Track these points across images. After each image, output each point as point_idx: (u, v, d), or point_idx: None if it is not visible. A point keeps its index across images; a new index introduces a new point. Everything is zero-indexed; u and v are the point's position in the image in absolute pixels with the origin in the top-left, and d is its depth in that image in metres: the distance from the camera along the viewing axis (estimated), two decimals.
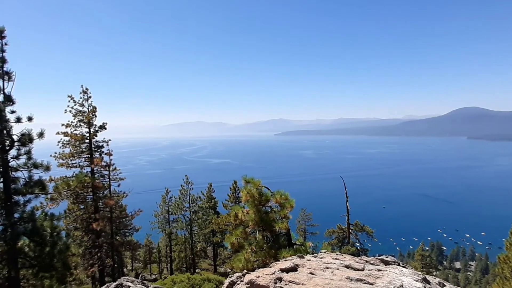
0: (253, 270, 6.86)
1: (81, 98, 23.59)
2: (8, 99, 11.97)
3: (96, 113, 23.81)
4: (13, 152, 12.64)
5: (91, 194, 24.08)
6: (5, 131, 12.16)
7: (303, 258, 6.66)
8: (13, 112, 12.19)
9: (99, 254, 24.19)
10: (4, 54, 11.92)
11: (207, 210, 38.94)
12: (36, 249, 13.39)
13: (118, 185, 25.14)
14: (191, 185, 38.91)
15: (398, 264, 6.75)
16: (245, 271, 6.55)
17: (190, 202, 38.90)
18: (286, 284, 5.51)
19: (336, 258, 6.78)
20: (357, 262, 6.39)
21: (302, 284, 5.41)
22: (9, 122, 12.18)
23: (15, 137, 12.44)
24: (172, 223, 41.35)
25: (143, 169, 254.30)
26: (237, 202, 34.35)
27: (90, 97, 23.77)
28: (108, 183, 24.70)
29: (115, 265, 26.23)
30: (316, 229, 43.65)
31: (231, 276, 6.35)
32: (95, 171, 24.04)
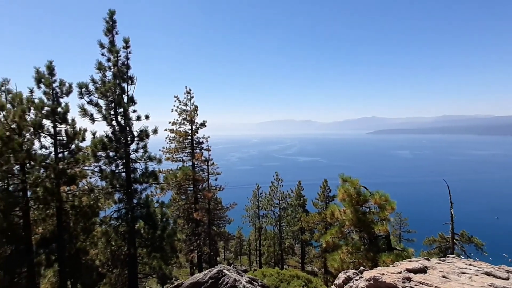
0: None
1: (185, 98, 25.96)
2: (131, 100, 13.95)
3: (198, 112, 25.93)
4: (133, 146, 14.65)
5: (192, 186, 26.33)
6: (127, 128, 14.15)
7: (429, 260, 6.28)
8: (134, 111, 14.16)
9: (197, 242, 26.34)
10: (128, 61, 13.88)
11: (296, 208, 39.13)
12: (149, 232, 15.29)
13: (216, 179, 26.97)
14: (280, 182, 39.54)
15: None
16: (361, 267, 6.46)
17: (280, 199, 39.58)
18: (416, 285, 5.28)
19: (470, 264, 6.23)
20: (498, 270, 5.77)
21: (436, 287, 5.12)
22: (131, 120, 14.16)
23: (135, 133, 14.41)
24: (262, 218, 42.60)
25: (234, 165, 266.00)
26: (327, 201, 33.80)
27: (192, 97, 25.98)
28: (207, 177, 26.65)
29: (211, 253, 28.22)
30: (413, 236, 40.42)
31: (347, 272, 6.33)
32: (195, 165, 26.20)
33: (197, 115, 26.01)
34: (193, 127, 26.11)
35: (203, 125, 26.27)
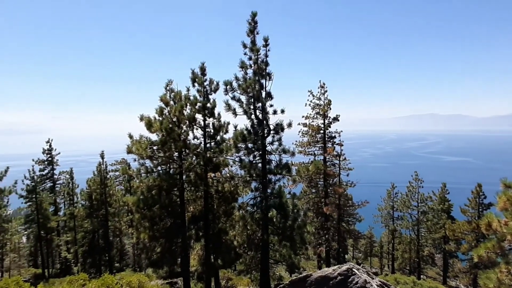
0: None
1: (318, 92, 26.08)
2: (269, 95, 14.84)
3: (331, 106, 25.68)
4: (269, 139, 15.57)
5: (323, 180, 26.36)
6: (265, 121, 15.10)
7: None
8: (271, 105, 15.04)
9: (326, 236, 26.29)
10: (267, 58, 14.75)
11: (439, 213, 34.81)
12: (281, 221, 16.03)
13: (347, 175, 26.37)
14: (420, 183, 35.82)
15: None
16: None
17: (419, 201, 35.91)
18: None
19: None
20: None
21: None
22: (268, 114, 15.07)
23: (271, 126, 15.27)
24: (396, 220, 39.61)
25: (367, 161, 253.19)
26: (480, 209, 28.93)
27: (326, 91, 25.90)
28: (338, 172, 26.25)
29: (340, 250, 27.78)
30: None
31: None
32: (327, 159, 26.10)
33: (330, 109, 25.81)
34: (326, 121, 26.02)
35: (336, 119, 25.93)
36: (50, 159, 37.18)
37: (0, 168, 24.99)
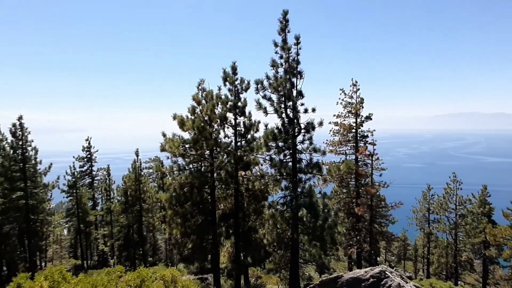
0: None
1: (350, 90, 25.58)
2: (299, 94, 14.78)
3: (363, 105, 25.10)
4: (299, 137, 15.49)
5: (354, 180, 25.82)
6: (295, 120, 15.03)
7: None
8: (302, 104, 14.95)
9: (357, 238, 25.76)
10: (298, 57, 14.67)
11: (479, 217, 33.07)
12: (311, 220, 15.90)
13: (380, 175, 25.66)
14: (459, 184, 34.18)
15: None
16: None
17: (457, 204, 34.29)
18: None
19: None
20: None
21: None
22: (299, 112, 14.99)
23: (302, 125, 15.18)
24: (432, 223, 38.07)
25: (401, 161, 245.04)
26: None
27: (358, 89, 25.36)
28: (370, 172, 25.61)
29: (372, 251, 27.12)
30: None
31: None
32: (359, 159, 25.54)
33: (362, 107, 25.25)
34: (358, 120, 25.47)
35: (368, 118, 25.31)
36: (89, 156, 39.06)
37: (44, 165, 26.62)
